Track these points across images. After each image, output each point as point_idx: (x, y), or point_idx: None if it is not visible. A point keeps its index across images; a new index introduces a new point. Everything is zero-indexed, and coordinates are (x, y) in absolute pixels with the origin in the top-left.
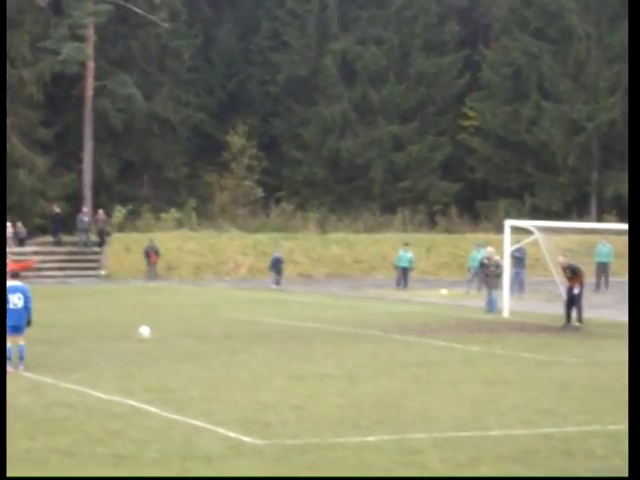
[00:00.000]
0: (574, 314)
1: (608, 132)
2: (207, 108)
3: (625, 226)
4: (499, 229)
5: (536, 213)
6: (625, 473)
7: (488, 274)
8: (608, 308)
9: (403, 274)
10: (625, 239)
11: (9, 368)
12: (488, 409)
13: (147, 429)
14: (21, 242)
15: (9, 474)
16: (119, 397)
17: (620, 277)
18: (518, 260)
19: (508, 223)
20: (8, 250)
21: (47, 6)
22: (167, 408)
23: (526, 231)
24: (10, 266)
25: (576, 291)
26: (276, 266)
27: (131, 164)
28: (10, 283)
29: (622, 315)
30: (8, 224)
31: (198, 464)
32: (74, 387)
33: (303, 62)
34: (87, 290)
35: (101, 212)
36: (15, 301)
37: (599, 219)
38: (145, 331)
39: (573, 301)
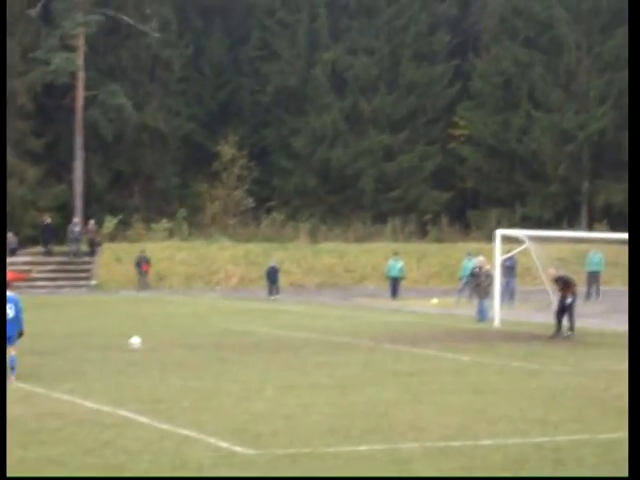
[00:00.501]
0: (565, 323)
1: (598, 141)
2: (197, 118)
3: (615, 235)
4: (490, 238)
5: (527, 222)
6: None
7: (479, 283)
8: (599, 317)
9: (394, 284)
10: (616, 248)
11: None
12: (479, 418)
13: (138, 439)
14: (12, 252)
15: None
16: (110, 407)
17: (611, 286)
18: (509, 269)
19: (499, 232)
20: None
21: (37, 16)
22: (158, 418)
23: (517, 240)
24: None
25: (568, 301)
26: (271, 276)
27: (122, 174)
28: None
29: (613, 324)
30: None
31: (189, 474)
32: (66, 397)
33: (293, 72)
34: (78, 300)
35: (92, 222)
36: (6, 311)
37: (590, 228)
38: (136, 341)
39: (565, 310)
